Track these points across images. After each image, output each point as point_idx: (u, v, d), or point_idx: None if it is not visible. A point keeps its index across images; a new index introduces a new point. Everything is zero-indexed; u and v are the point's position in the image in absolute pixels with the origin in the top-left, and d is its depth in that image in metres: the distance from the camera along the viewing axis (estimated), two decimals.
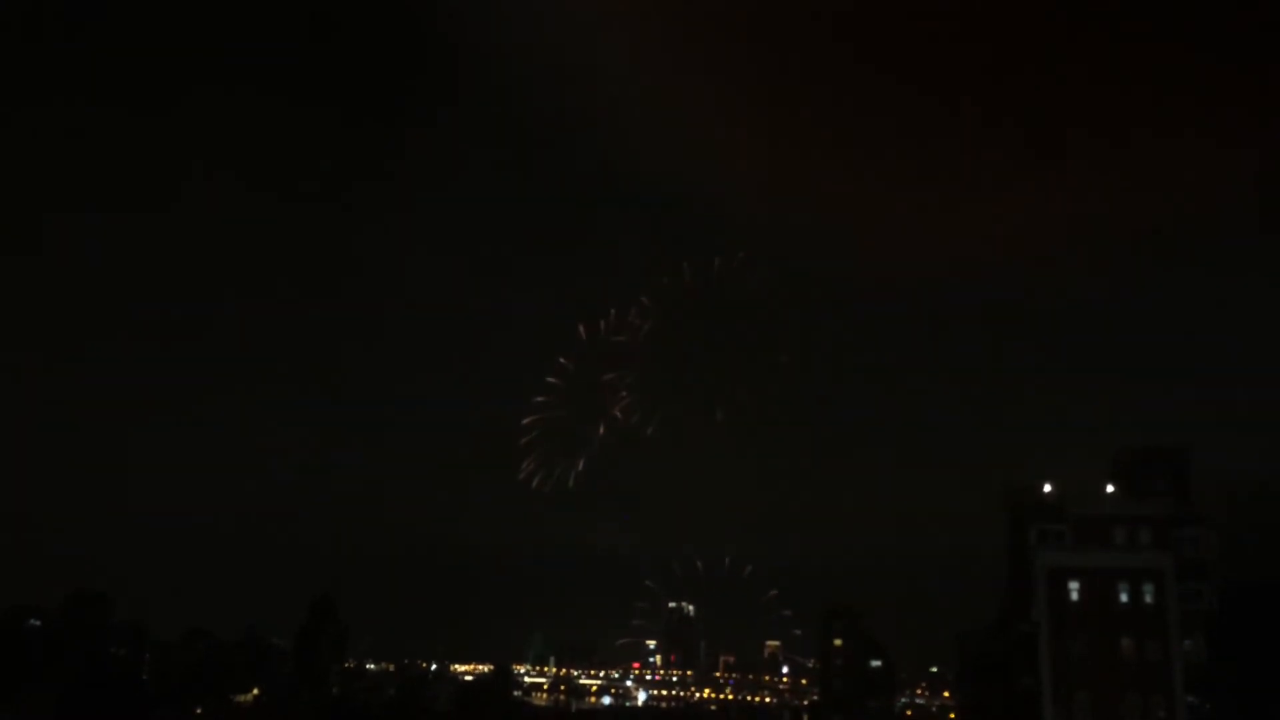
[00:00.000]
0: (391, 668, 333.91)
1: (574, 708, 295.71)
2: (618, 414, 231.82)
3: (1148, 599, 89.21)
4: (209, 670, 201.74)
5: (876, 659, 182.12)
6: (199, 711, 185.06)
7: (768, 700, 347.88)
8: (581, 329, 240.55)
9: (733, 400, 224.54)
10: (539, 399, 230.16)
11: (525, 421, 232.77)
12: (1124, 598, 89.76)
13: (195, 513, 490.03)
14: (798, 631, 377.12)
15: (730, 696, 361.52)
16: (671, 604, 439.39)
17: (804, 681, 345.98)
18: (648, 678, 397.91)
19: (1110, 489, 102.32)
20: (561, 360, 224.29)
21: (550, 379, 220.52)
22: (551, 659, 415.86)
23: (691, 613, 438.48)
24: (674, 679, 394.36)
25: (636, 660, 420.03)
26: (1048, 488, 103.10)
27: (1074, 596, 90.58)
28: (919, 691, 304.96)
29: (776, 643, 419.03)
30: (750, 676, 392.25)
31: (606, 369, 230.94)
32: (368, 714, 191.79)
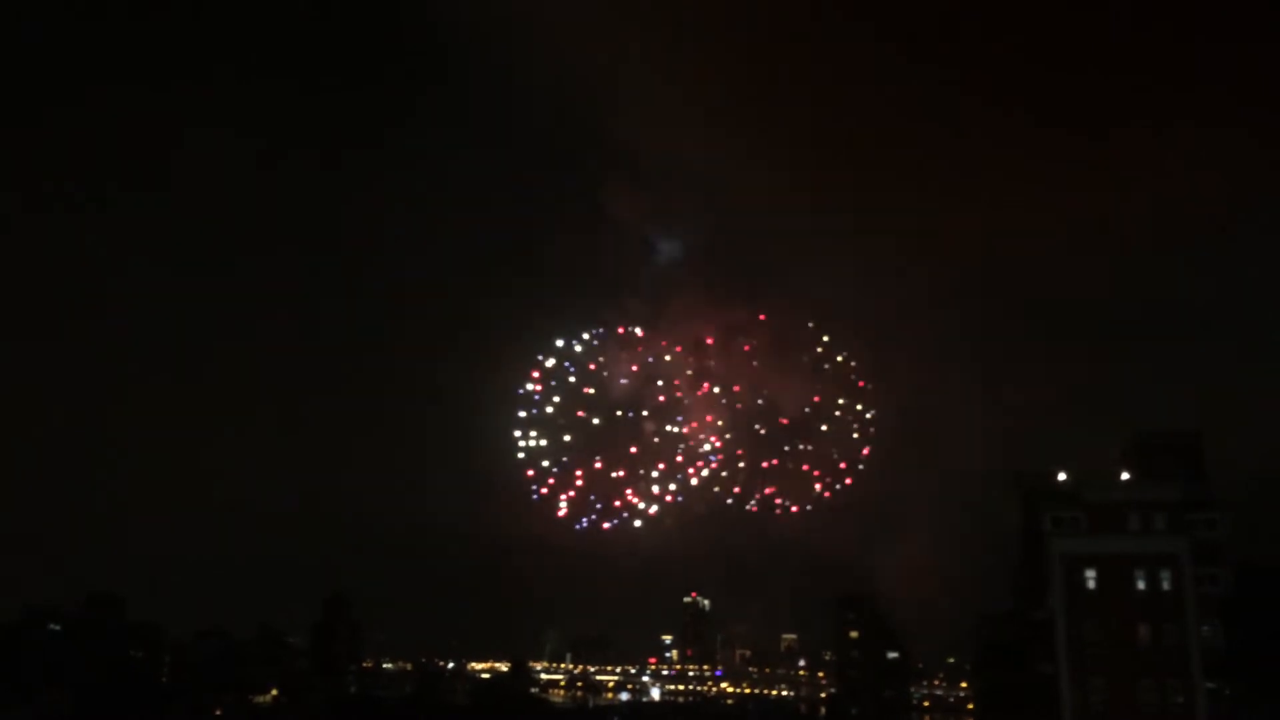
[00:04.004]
0: (409, 666, 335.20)
1: (591, 704, 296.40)
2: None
3: (1164, 584, 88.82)
4: (226, 669, 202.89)
5: (893, 649, 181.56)
6: (218, 712, 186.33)
7: (786, 694, 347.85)
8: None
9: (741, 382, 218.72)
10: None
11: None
12: (1140, 584, 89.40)
13: (201, 512, 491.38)
14: (814, 622, 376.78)
15: (748, 690, 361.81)
16: (687, 598, 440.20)
17: (820, 675, 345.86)
18: (664, 673, 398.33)
19: (1124, 476, 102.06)
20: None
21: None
22: (568, 655, 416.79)
23: (707, 607, 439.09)
24: (690, 673, 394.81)
25: (653, 655, 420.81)
26: (1062, 476, 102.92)
27: (1089, 584, 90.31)
28: (936, 682, 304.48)
29: (793, 635, 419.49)
30: (767, 669, 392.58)
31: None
32: (386, 710, 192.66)
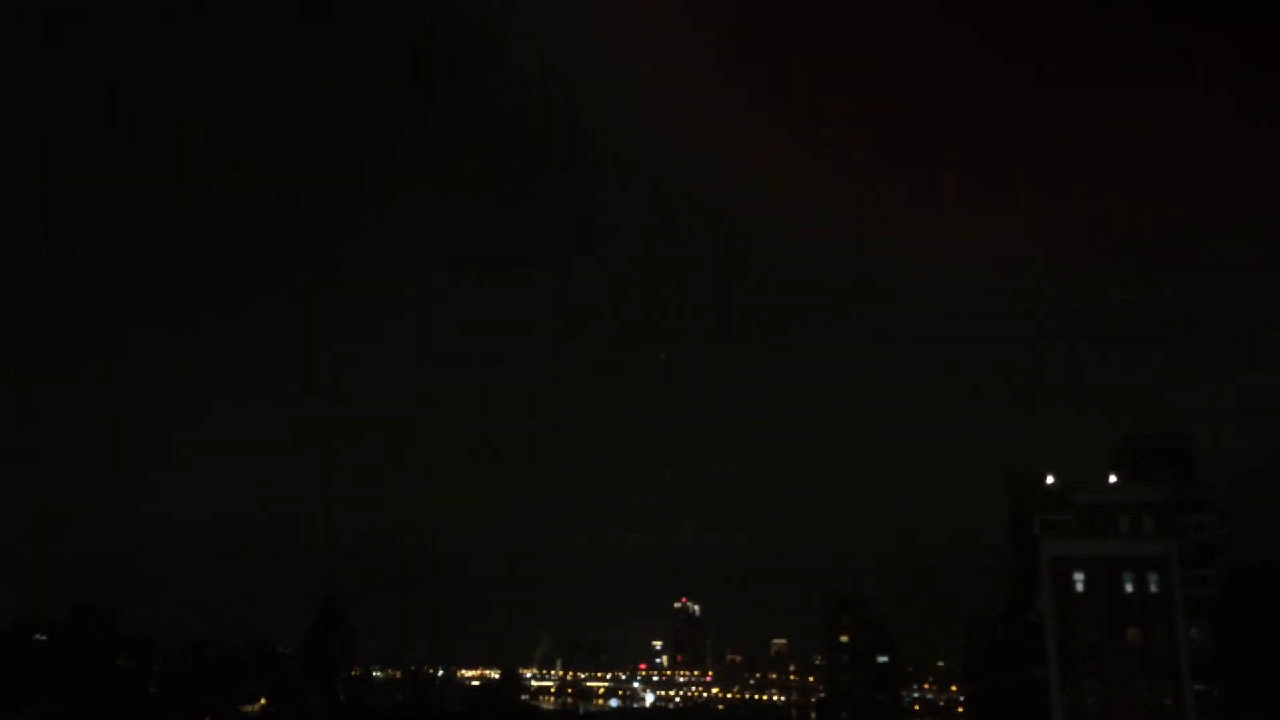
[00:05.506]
0: (398, 674, 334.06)
1: (582, 710, 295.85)
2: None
3: (1152, 586, 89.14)
4: (216, 678, 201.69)
5: (884, 652, 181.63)
6: None
7: (777, 698, 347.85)
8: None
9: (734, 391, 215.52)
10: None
11: None
12: (1129, 586, 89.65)
13: (197, 517, 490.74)
14: (804, 627, 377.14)
15: (738, 694, 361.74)
16: (677, 604, 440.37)
17: (811, 679, 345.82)
18: (655, 678, 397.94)
19: (1112, 478, 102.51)
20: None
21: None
22: (559, 662, 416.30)
23: (698, 612, 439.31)
24: (681, 678, 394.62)
25: (644, 661, 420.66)
26: (1050, 479, 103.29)
27: (1079, 586, 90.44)
28: (926, 686, 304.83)
29: (783, 640, 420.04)
30: (758, 674, 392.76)
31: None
32: (378, 718, 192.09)
